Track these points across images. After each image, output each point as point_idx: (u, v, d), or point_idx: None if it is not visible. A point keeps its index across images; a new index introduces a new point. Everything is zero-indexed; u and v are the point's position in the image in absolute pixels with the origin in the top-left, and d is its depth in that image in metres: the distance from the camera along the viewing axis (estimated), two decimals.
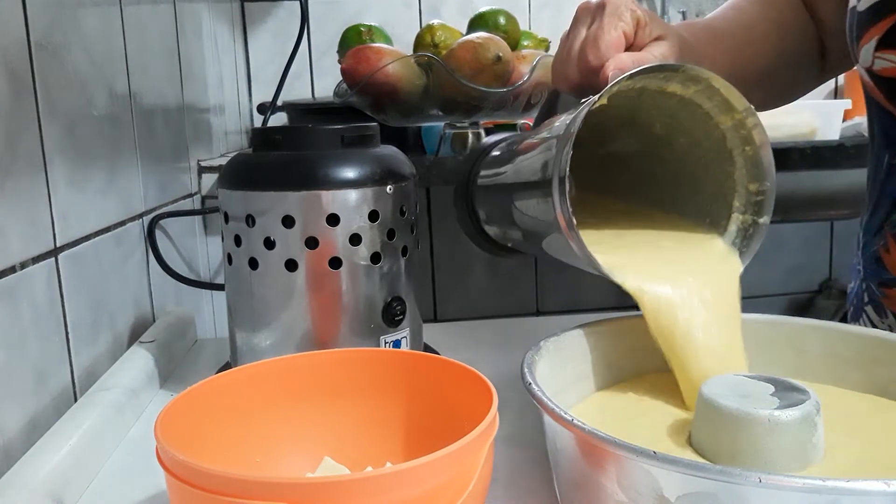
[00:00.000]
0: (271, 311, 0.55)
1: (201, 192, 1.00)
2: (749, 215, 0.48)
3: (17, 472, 0.42)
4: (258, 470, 0.42)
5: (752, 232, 0.48)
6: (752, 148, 0.46)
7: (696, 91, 0.45)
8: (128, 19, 0.73)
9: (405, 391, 0.44)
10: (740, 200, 0.48)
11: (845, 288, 1.65)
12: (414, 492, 0.31)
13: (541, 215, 0.46)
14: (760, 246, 0.48)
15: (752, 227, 0.48)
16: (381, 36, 1.19)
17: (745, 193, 0.48)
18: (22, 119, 0.50)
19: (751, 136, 0.46)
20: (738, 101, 0.45)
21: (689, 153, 0.50)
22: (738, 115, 0.45)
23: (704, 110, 0.46)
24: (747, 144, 0.46)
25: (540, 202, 0.46)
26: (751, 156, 0.47)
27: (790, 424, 0.35)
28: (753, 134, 0.46)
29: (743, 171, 0.47)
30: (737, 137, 0.47)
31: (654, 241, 0.49)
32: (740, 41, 0.65)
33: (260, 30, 1.51)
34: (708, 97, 0.45)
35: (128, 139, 0.71)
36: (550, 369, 0.43)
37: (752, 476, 0.27)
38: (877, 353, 0.43)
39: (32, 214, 0.51)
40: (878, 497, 0.26)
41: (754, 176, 0.47)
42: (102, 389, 0.54)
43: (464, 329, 0.78)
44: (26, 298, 0.49)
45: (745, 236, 0.48)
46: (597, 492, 0.33)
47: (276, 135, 0.56)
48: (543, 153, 0.47)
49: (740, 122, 0.46)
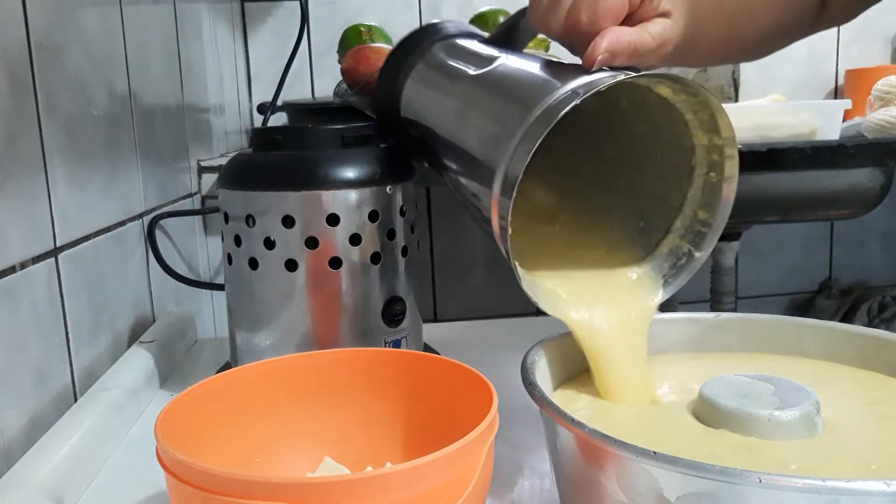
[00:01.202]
0: (271, 311, 0.55)
1: (201, 192, 1.00)
2: (686, 243, 0.45)
3: (17, 472, 0.42)
4: (258, 470, 0.42)
5: (684, 264, 0.45)
6: (717, 176, 0.43)
7: (685, 100, 0.42)
8: (128, 19, 0.73)
9: (405, 391, 0.44)
10: (683, 223, 0.45)
11: (845, 288, 1.65)
12: (414, 492, 0.31)
13: (474, 198, 0.44)
14: (761, 246, 0.48)
15: (685, 257, 0.45)
16: (381, 36, 1.19)
17: (690, 217, 0.45)
18: (22, 119, 0.50)
19: (721, 165, 0.43)
20: (726, 127, 0.42)
21: (651, 149, 0.46)
22: (719, 141, 0.42)
23: (684, 118, 0.43)
24: (714, 171, 0.44)
25: (476, 186, 0.43)
26: (713, 184, 0.44)
27: (790, 424, 0.35)
28: (726, 164, 0.43)
29: (698, 193, 0.45)
30: (706, 159, 0.44)
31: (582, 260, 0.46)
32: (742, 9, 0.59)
33: (260, 30, 1.51)
34: (694, 110, 0.42)
35: (128, 139, 0.71)
36: (550, 369, 0.43)
37: (752, 476, 0.27)
38: (877, 352, 0.44)
39: (32, 214, 0.51)
40: (878, 497, 0.26)
41: (707, 205, 0.44)
42: (102, 389, 0.54)
43: (464, 329, 0.78)
44: (26, 298, 0.49)
45: (675, 266, 0.46)
46: (597, 492, 0.33)
47: (276, 135, 0.56)
48: (495, 121, 0.43)
49: (716, 147, 0.43)
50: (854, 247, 1.67)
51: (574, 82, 0.41)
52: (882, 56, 1.63)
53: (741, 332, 0.48)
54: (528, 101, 0.41)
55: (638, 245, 0.47)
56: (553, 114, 0.39)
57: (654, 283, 0.46)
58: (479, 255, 1.56)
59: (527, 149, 0.39)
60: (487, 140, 0.44)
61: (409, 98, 0.56)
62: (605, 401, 0.42)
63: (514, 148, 0.40)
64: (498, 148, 0.41)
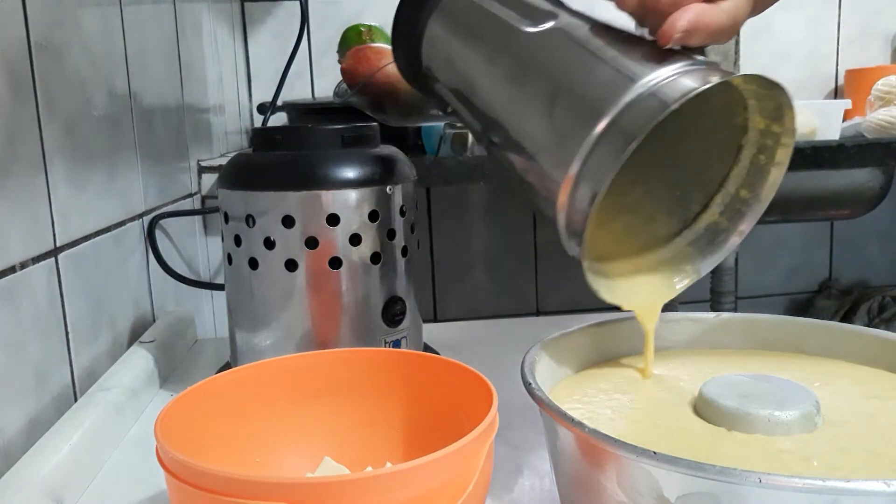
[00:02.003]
0: (271, 311, 0.55)
1: (201, 192, 1.00)
2: (724, 220, 0.45)
3: (17, 472, 0.42)
4: (258, 470, 0.42)
5: (721, 240, 0.44)
6: (766, 159, 0.42)
7: (754, 89, 0.40)
8: (128, 19, 0.73)
9: (405, 391, 0.44)
10: (723, 199, 0.45)
11: (845, 288, 1.65)
12: (414, 492, 0.31)
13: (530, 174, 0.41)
14: (761, 246, 0.47)
15: (722, 234, 0.45)
16: (381, 36, 1.19)
17: (731, 195, 0.44)
18: (22, 119, 0.50)
19: (773, 150, 0.42)
20: (790, 120, 0.40)
21: (695, 121, 0.44)
22: (777, 129, 0.41)
23: (745, 102, 0.41)
24: (763, 154, 0.43)
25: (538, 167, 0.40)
26: (760, 165, 0.43)
27: (790, 424, 0.35)
28: (779, 150, 0.42)
29: (742, 172, 0.44)
30: (757, 141, 0.42)
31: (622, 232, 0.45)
32: None
33: (260, 30, 1.51)
34: (759, 98, 0.40)
35: (128, 139, 0.71)
36: (550, 369, 0.43)
37: (752, 476, 0.27)
38: (877, 352, 0.44)
39: (32, 214, 0.51)
40: (878, 497, 0.26)
41: (751, 185, 0.43)
42: (102, 389, 0.54)
43: (464, 329, 0.78)
44: (26, 298, 0.49)
45: (712, 242, 0.45)
46: (597, 492, 0.33)
47: (276, 135, 0.56)
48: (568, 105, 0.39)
49: (772, 134, 0.42)
50: (854, 247, 1.67)
51: (657, 73, 0.38)
52: (882, 56, 1.63)
53: (741, 332, 0.48)
54: (610, 91, 0.38)
55: (674, 215, 0.46)
56: (641, 122, 0.36)
57: (690, 259, 0.45)
58: (479, 255, 1.56)
59: (612, 160, 0.36)
60: (558, 125, 0.40)
61: (435, 40, 0.49)
62: (605, 401, 0.42)
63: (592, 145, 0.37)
64: (571, 140, 0.38)
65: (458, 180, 1.06)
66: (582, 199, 0.38)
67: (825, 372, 0.44)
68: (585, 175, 0.37)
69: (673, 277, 0.46)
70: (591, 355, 0.46)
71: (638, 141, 0.35)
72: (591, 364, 0.46)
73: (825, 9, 1.60)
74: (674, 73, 0.37)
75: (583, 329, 0.46)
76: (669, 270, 0.46)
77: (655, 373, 0.45)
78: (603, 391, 0.43)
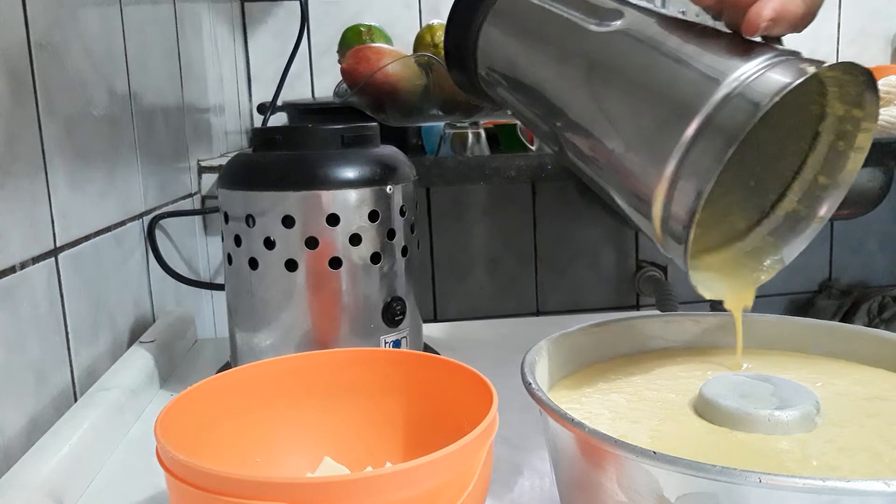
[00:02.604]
0: (271, 311, 0.55)
1: (201, 192, 1.00)
2: (803, 207, 0.44)
3: (17, 472, 0.42)
4: (258, 470, 0.42)
5: (802, 227, 0.44)
6: (845, 144, 0.41)
7: (836, 76, 0.39)
8: (128, 19, 0.73)
9: (405, 391, 0.44)
10: (801, 186, 0.44)
11: (845, 288, 1.65)
12: (414, 492, 0.31)
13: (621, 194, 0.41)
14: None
15: (803, 221, 0.44)
16: (381, 36, 1.19)
17: (809, 181, 0.43)
18: (22, 119, 0.50)
19: (852, 135, 0.41)
20: (871, 104, 0.39)
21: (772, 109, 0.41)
22: (858, 114, 0.40)
23: (823, 88, 0.40)
24: (843, 140, 0.41)
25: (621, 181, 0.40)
26: (840, 151, 0.42)
27: (790, 424, 0.35)
28: (859, 135, 0.41)
29: (820, 159, 0.42)
30: (836, 127, 0.42)
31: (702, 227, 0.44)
32: None
33: (260, 30, 1.51)
34: (840, 84, 0.39)
35: (128, 139, 0.71)
36: (550, 369, 0.43)
37: (752, 476, 0.27)
38: (877, 352, 0.44)
39: (32, 214, 0.51)
40: (878, 497, 0.26)
41: (829, 171, 0.42)
42: (102, 389, 0.54)
43: (464, 329, 0.78)
44: (26, 298, 0.49)
45: (793, 229, 0.44)
46: (597, 492, 0.33)
47: (276, 135, 0.56)
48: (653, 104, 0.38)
49: (852, 119, 0.41)
50: (854, 247, 1.67)
51: (745, 67, 0.37)
52: (882, 56, 1.63)
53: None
54: (699, 88, 0.38)
55: (751, 206, 0.46)
56: (740, 119, 0.36)
57: (774, 248, 0.45)
58: (479, 255, 1.56)
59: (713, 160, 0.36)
60: (648, 125, 0.40)
61: (493, 43, 0.48)
62: (605, 401, 0.42)
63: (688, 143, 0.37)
64: (665, 139, 0.38)
65: (458, 180, 1.06)
66: (684, 198, 0.37)
67: (825, 372, 0.44)
68: (685, 174, 0.37)
69: (758, 266, 0.45)
70: (591, 355, 0.46)
71: (740, 138, 0.35)
72: (591, 364, 0.46)
73: (825, 9, 1.60)
74: (762, 66, 0.37)
75: (583, 329, 0.46)
76: (753, 260, 0.45)
77: (655, 372, 0.45)
78: (603, 391, 0.43)
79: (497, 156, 1.08)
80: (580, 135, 0.43)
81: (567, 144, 0.45)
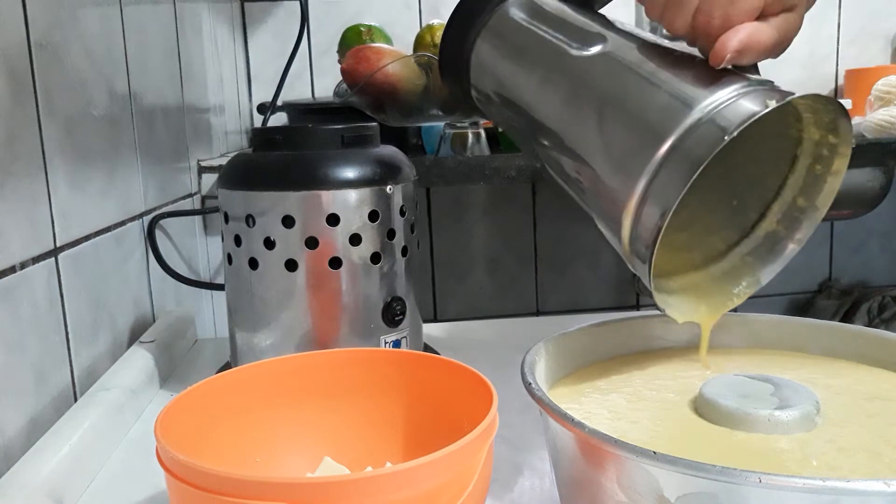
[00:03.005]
0: (271, 311, 0.55)
1: (201, 192, 1.00)
2: (782, 228, 0.45)
3: (17, 472, 0.42)
4: (258, 470, 0.42)
5: (780, 249, 0.45)
6: (822, 168, 0.42)
7: (809, 104, 0.40)
8: (128, 19, 0.73)
9: (405, 391, 0.44)
10: (780, 207, 0.45)
11: (845, 288, 1.65)
12: (414, 492, 0.31)
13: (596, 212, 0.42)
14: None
15: (781, 242, 0.45)
16: (381, 36, 1.19)
17: (788, 203, 0.44)
18: (22, 119, 0.50)
19: (829, 160, 0.42)
20: (846, 132, 0.40)
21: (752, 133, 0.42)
22: (833, 140, 0.41)
23: (798, 114, 0.41)
24: (819, 164, 0.43)
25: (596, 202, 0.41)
26: (817, 174, 0.43)
27: (790, 424, 0.35)
28: (835, 160, 0.42)
29: (799, 182, 0.44)
30: (812, 151, 0.43)
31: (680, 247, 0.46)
32: None
33: (260, 30, 1.51)
34: (814, 111, 0.40)
35: (128, 139, 0.71)
36: (550, 369, 0.43)
37: (752, 476, 0.27)
38: (877, 352, 0.44)
39: (32, 214, 0.51)
40: (878, 497, 0.26)
41: (808, 194, 0.43)
42: (102, 389, 0.54)
43: (464, 329, 0.78)
44: (26, 298, 0.49)
45: (771, 250, 0.45)
46: (597, 492, 0.33)
47: (276, 135, 0.56)
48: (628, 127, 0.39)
49: (828, 144, 0.42)
50: (854, 247, 1.67)
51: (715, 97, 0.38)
52: (882, 56, 1.63)
53: (741, 332, 0.48)
54: (669, 115, 0.39)
55: (732, 226, 0.46)
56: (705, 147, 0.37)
57: (751, 268, 0.45)
58: (479, 255, 1.56)
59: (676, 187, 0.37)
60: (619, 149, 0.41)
61: (484, 60, 0.50)
62: (605, 401, 0.42)
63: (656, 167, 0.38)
64: (635, 163, 0.39)
65: (458, 180, 1.06)
66: (649, 220, 0.38)
67: (825, 372, 0.44)
68: (651, 197, 0.38)
69: (734, 288, 0.46)
70: (591, 355, 0.46)
71: (702, 166, 0.36)
72: (591, 364, 0.46)
73: (825, 9, 1.60)
74: (731, 96, 0.38)
75: (583, 329, 0.46)
76: (730, 281, 0.46)
77: (655, 372, 0.45)
78: (602, 391, 0.43)
79: (497, 156, 1.08)
80: (559, 154, 0.45)
81: (547, 162, 0.46)
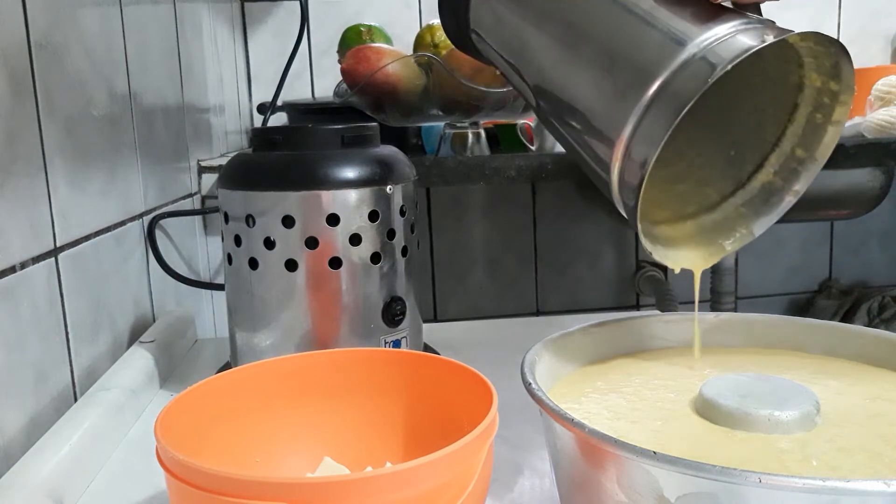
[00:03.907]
0: (271, 311, 0.55)
1: (201, 192, 1.00)
2: (779, 179, 0.44)
3: (17, 472, 0.42)
4: (258, 470, 0.42)
5: (775, 201, 0.44)
6: (823, 117, 0.41)
7: (810, 46, 0.39)
8: (128, 19, 0.73)
9: (405, 391, 0.44)
10: (778, 159, 0.44)
11: (845, 288, 1.65)
12: (414, 492, 0.31)
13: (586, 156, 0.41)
14: (761, 246, 0.47)
15: (777, 194, 0.44)
16: (381, 36, 1.19)
17: (786, 154, 0.43)
18: (22, 119, 0.50)
19: (830, 108, 0.41)
20: (848, 76, 0.39)
21: (747, 78, 0.42)
22: (835, 87, 0.40)
23: (800, 59, 0.40)
24: (820, 112, 0.41)
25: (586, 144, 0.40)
26: (818, 124, 0.42)
27: (790, 424, 0.35)
28: (836, 108, 0.41)
29: (798, 131, 0.43)
30: (814, 99, 0.41)
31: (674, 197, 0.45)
32: None
33: (260, 30, 1.51)
34: (816, 55, 0.39)
35: (128, 139, 0.71)
36: (550, 369, 0.43)
37: (752, 476, 0.27)
38: (877, 352, 0.44)
39: (32, 214, 0.51)
40: (878, 497, 0.26)
41: (807, 144, 0.42)
42: (102, 389, 0.54)
43: (464, 329, 0.78)
44: (26, 298, 0.49)
45: (766, 202, 0.44)
46: (597, 492, 0.33)
47: (276, 135, 0.56)
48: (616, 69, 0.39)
49: (829, 91, 0.40)
50: (854, 247, 1.67)
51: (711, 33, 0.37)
52: (882, 56, 1.63)
53: (741, 332, 0.48)
54: (662, 53, 0.38)
55: (728, 176, 0.46)
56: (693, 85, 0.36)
57: (745, 220, 0.45)
58: (479, 255, 1.56)
59: (662, 127, 0.36)
60: (611, 89, 0.40)
61: (483, 3, 0.50)
62: (604, 401, 0.42)
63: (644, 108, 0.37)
64: (624, 103, 0.38)
65: (458, 180, 1.06)
66: (634, 165, 0.37)
67: (825, 372, 0.44)
68: (639, 139, 0.37)
69: (726, 239, 0.45)
70: (591, 355, 0.46)
71: (690, 104, 0.35)
72: (591, 364, 0.46)
73: (825, 9, 1.60)
74: (728, 32, 0.37)
75: (583, 329, 0.46)
76: (723, 232, 0.46)
77: (655, 372, 0.45)
78: (602, 391, 0.43)
79: (497, 156, 1.08)
80: (552, 98, 0.44)
81: (542, 104, 0.46)
